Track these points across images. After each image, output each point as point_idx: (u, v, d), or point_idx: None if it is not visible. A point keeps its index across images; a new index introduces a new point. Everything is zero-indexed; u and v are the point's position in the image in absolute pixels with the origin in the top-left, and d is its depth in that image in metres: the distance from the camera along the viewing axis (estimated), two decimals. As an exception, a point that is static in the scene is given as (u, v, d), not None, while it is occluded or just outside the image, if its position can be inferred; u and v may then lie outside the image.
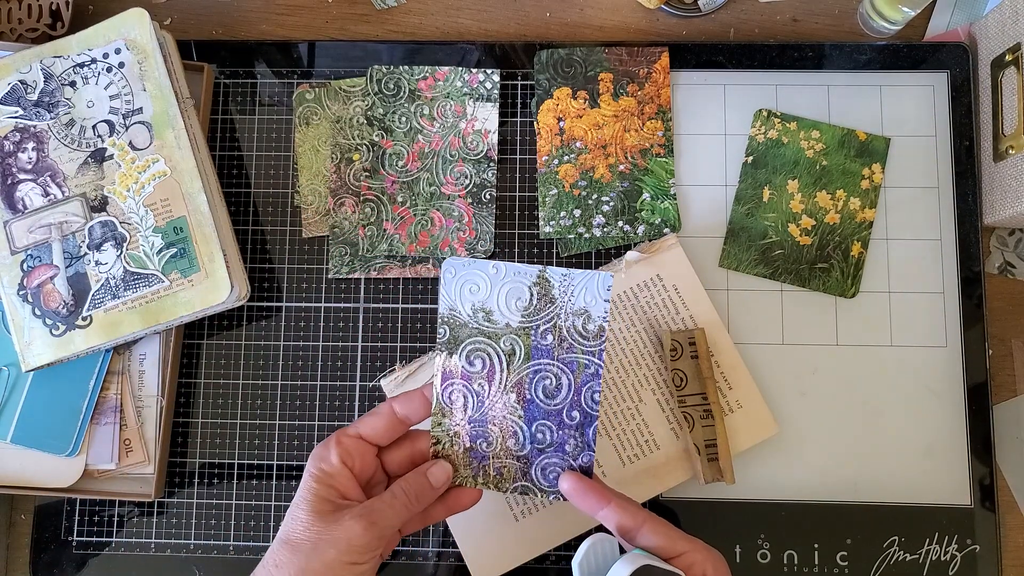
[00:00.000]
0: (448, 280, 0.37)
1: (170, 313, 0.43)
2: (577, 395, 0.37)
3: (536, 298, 0.36)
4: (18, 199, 0.45)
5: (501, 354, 0.37)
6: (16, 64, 0.45)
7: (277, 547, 0.35)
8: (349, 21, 0.51)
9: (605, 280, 0.36)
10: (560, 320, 0.36)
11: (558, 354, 0.36)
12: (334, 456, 0.36)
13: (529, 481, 0.37)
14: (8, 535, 0.48)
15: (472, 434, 0.37)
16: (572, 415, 0.37)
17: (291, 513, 0.36)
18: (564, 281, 0.36)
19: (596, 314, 0.36)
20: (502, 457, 0.37)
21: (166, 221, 0.44)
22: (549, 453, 0.37)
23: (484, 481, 0.38)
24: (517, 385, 0.37)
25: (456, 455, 0.38)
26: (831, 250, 0.47)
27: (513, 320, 0.37)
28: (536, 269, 0.37)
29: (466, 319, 0.37)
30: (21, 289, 0.44)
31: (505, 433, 0.37)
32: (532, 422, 0.37)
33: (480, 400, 0.37)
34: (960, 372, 0.46)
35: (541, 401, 0.37)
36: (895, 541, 0.45)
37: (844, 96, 0.49)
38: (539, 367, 0.37)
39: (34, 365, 0.44)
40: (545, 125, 0.49)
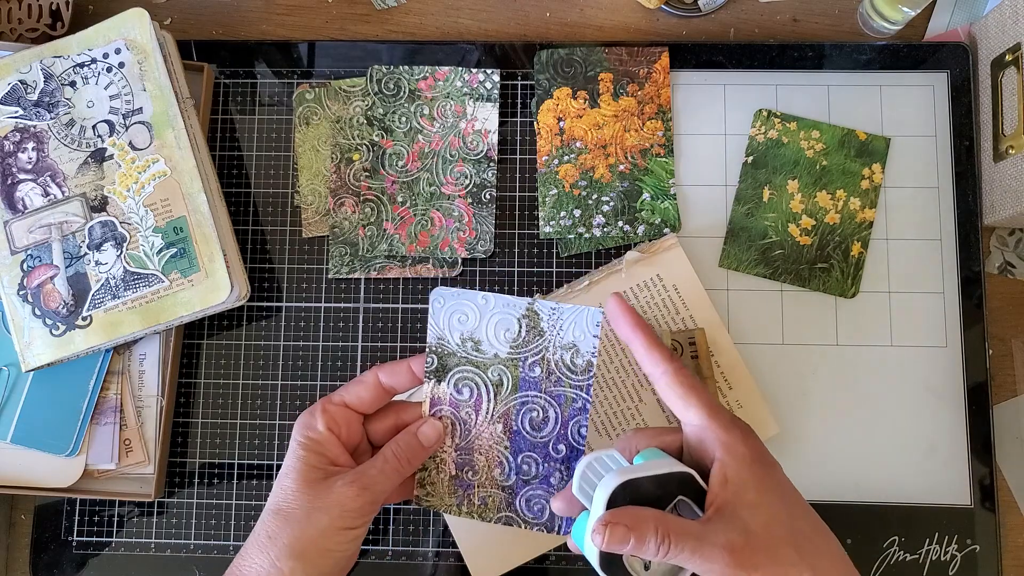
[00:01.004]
0: (437, 309, 0.37)
1: (170, 313, 0.43)
2: (564, 428, 0.36)
3: (525, 330, 0.36)
4: (18, 199, 0.45)
5: (489, 384, 0.37)
6: (16, 64, 0.45)
7: (268, 518, 0.34)
8: (349, 21, 0.51)
9: (594, 316, 0.36)
10: (548, 353, 0.36)
11: (546, 387, 0.36)
12: (320, 423, 0.36)
13: (513, 512, 0.37)
14: (8, 535, 0.48)
15: (458, 462, 0.37)
16: (558, 448, 0.37)
17: (280, 483, 0.35)
18: (553, 315, 0.36)
19: (584, 349, 0.36)
20: (487, 486, 0.37)
21: (166, 221, 0.44)
22: (534, 485, 0.37)
23: (469, 510, 0.38)
24: (504, 416, 0.37)
25: (441, 482, 0.38)
26: (831, 250, 0.47)
27: (502, 351, 0.37)
28: (525, 301, 0.36)
29: (454, 348, 0.37)
30: (21, 289, 0.44)
31: (491, 462, 0.37)
32: (518, 453, 0.37)
33: (467, 428, 0.37)
34: (960, 372, 0.46)
35: (527, 433, 0.37)
36: (895, 541, 0.45)
37: (844, 96, 0.49)
38: (526, 399, 0.37)
39: (34, 365, 0.44)
40: (545, 125, 0.49)
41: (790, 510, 0.32)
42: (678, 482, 0.31)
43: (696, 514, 0.31)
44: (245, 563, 0.34)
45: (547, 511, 0.37)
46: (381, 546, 0.46)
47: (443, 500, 0.38)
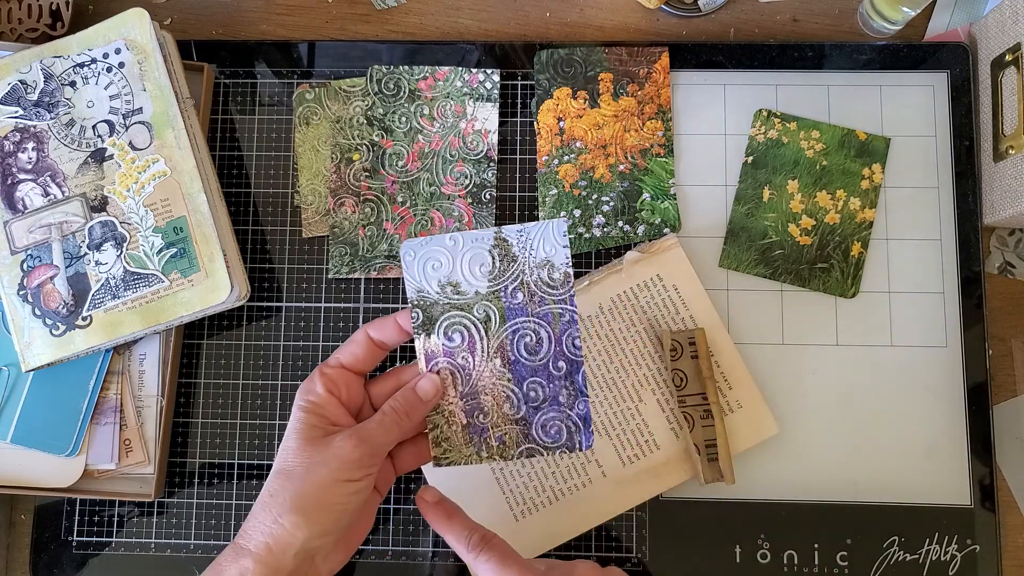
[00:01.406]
0: (409, 263, 0.37)
1: (170, 313, 0.43)
2: (559, 345, 0.37)
3: (498, 260, 0.37)
4: (18, 199, 0.45)
5: (477, 323, 0.37)
6: (16, 64, 0.45)
7: (271, 479, 0.35)
8: (349, 21, 0.51)
9: (560, 227, 0.36)
10: (526, 276, 0.37)
11: (531, 309, 0.37)
12: (319, 386, 0.36)
13: (532, 442, 0.37)
14: (8, 535, 0.48)
15: (467, 409, 0.37)
16: (559, 366, 0.37)
17: (282, 446, 0.36)
18: (521, 237, 0.37)
19: (558, 262, 0.36)
20: (501, 425, 0.37)
21: (166, 221, 0.44)
22: (545, 409, 0.37)
23: (488, 454, 0.37)
24: (499, 349, 0.37)
25: (455, 435, 0.37)
26: (831, 250, 0.47)
27: (481, 287, 0.37)
28: (492, 231, 0.37)
29: (435, 297, 0.37)
30: (21, 289, 0.44)
31: (499, 399, 0.37)
32: (522, 382, 0.37)
33: (467, 373, 0.37)
34: (960, 372, 0.46)
35: (525, 359, 0.37)
36: (895, 541, 0.45)
37: (844, 96, 0.49)
38: (516, 326, 0.37)
39: (34, 365, 0.44)
40: (545, 125, 0.49)
41: None
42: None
43: None
44: (250, 524, 0.35)
45: (564, 432, 0.37)
46: (381, 546, 0.46)
47: (461, 452, 0.38)
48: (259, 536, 0.34)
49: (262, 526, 0.34)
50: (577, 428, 0.37)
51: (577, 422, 0.37)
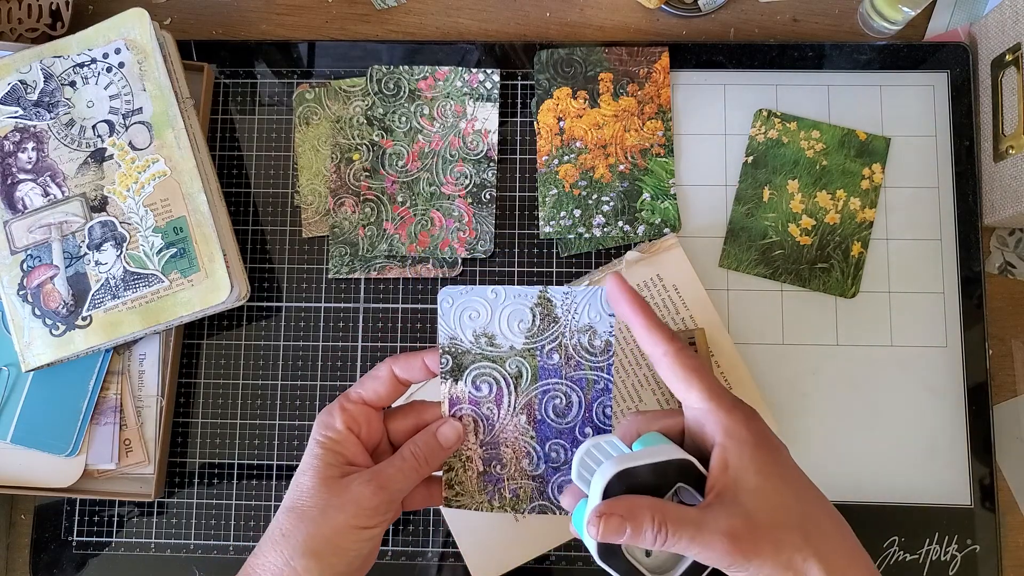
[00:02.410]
0: (446, 310, 0.36)
1: (170, 313, 0.43)
2: (588, 411, 0.36)
3: (539, 319, 0.36)
4: (18, 199, 0.45)
5: (508, 377, 0.36)
6: (16, 64, 0.45)
7: (283, 516, 0.34)
8: (349, 21, 0.51)
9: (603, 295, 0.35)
10: (565, 339, 0.36)
11: (566, 372, 0.36)
12: (339, 422, 0.35)
13: (546, 500, 0.37)
14: (8, 535, 0.48)
15: (485, 457, 0.37)
16: (585, 432, 0.36)
17: (296, 481, 0.35)
18: (566, 299, 0.36)
19: (601, 329, 0.35)
20: (517, 478, 0.37)
21: (166, 221, 0.44)
22: (565, 471, 0.36)
23: (501, 504, 0.37)
24: (527, 407, 0.36)
25: (470, 480, 0.37)
26: (831, 250, 0.47)
27: (517, 343, 0.36)
28: (536, 290, 0.36)
29: (468, 346, 0.36)
30: (21, 289, 0.44)
31: (519, 454, 0.37)
32: (545, 442, 0.36)
33: (491, 423, 0.37)
34: (960, 372, 0.46)
35: (552, 420, 0.36)
36: (895, 541, 0.45)
37: (844, 96, 0.49)
38: (547, 387, 0.36)
39: (34, 365, 0.44)
40: (545, 125, 0.49)
41: (797, 494, 0.31)
42: (677, 468, 0.30)
43: (697, 500, 0.31)
44: (259, 561, 0.34)
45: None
46: (381, 546, 0.46)
47: (473, 498, 0.37)
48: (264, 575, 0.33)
49: (273, 567, 0.33)
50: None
51: None
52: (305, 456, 0.35)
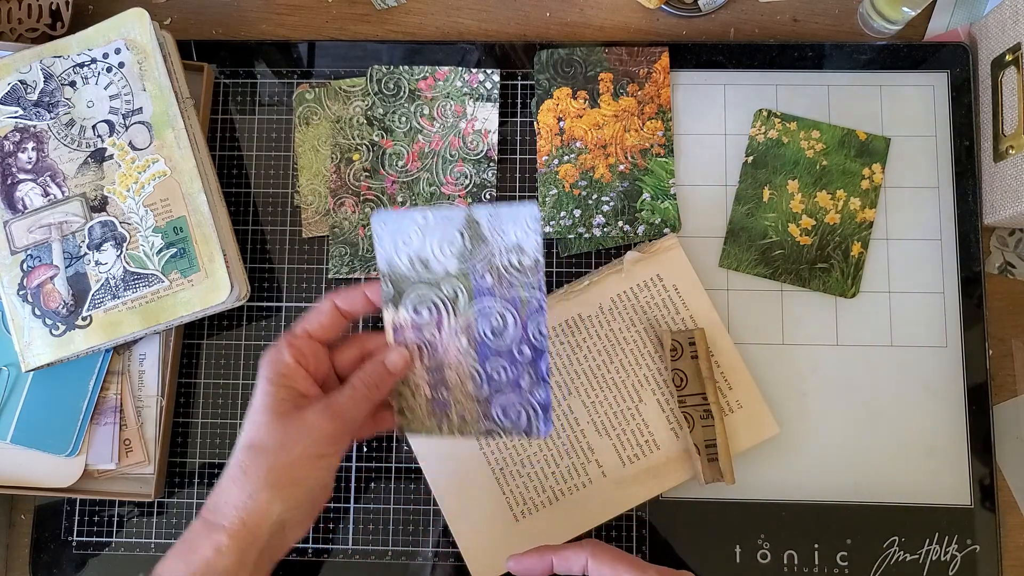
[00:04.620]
0: (381, 235, 0.37)
1: (170, 313, 0.43)
2: (524, 331, 0.37)
3: (468, 240, 0.37)
4: (18, 199, 0.45)
5: (446, 300, 0.37)
6: (16, 64, 0.45)
7: (241, 453, 0.35)
8: (349, 21, 0.51)
9: (531, 211, 0.36)
10: (495, 259, 0.36)
11: (500, 292, 0.37)
12: (287, 356, 0.36)
13: (492, 422, 0.38)
14: (8, 535, 0.48)
15: (432, 383, 0.38)
16: (523, 350, 0.37)
17: (250, 419, 0.35)
18: (492, 219, 0.36)
19: (528, 248, 0.36)
20: (463, 402, 0.38)
21: (166, 221, 0.44)
22: (507, 391, 0.37)
23: (449, 429, 0.38)
24: (466, 328, 0.37)
25: (420, 407, 0.38)
26: (831, 250, 0.47)
27: (451, 266, 0.37)
28: (463, 210, 0.36)
29: (406, 271, 0.37)
30: (21, 289, 0.44)
31: (463, 377, 0.38)
32: (485, 362, 0.37)
33: (434, 348, 0.38)
34: (960, 372, 0.46)
35: (490, 341, 0.37)
36: (895, 541, 0.45)
37: (844, 96, 0.49)
38: (483, 307, 0.37)
39: (34, 365, 0.44)
40: (545, 125, 0.49)
41: None
42: None
43: None
44: (220, 499, 0.34)
45: (523, 416, 0.38)
46: (381, 546, 0.46)
47: (424, 424, 0.38)
48: (232, 511, 0.34)
49: (236, 501, 0.34)
50: (536, 414, 0.37)
51: (536, 408, 0.37)
52: (256, 394, 0.36)
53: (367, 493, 0.46)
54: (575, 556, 0.36)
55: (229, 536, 0.33)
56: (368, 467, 0.47)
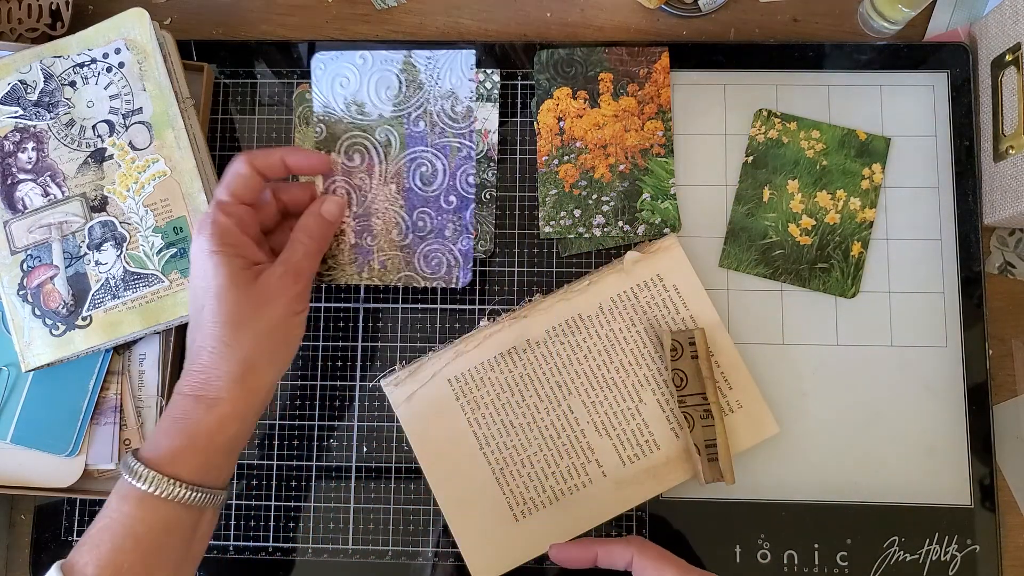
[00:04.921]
0: (319, 76, 0.37)
1: (170, 313, 0.43)
2: (453, 179, 0.38)
3: (405, 85, 0.37)
4: (18, 199, 0.44)
5: (378, 146, 0.37)
6: (16, 64, 0.45)
7: (220, 330, 0.35)
8: (349, 21, 0.51)
9: (467, 58, 0.37)
10: (429, 105, 0.37)
11: (431, 140, 0.37)
12: (234, 226, 0.36)
13: (412, 270, 0.39)
14: (8, 535, 0.48)
15: (357, 229, 0.38)
16: (449, 200, 0.38)
17: (218, 296, 0.35)
18: (429, 64, 0.37)
19: (463, 95, 0.37)
20: (386, 249, 0.38)
21: (166, 221, 0.44)
22: (430, 240, 0.38)
23: (369, 275, 0.39)
24: (396, 175, 0.38)
25: (342, 253, 0.38)
26: (831, 250, 0.47)
27: (385, 110, 0.37)
28: (402, 54, 0.37)
29: (340, 114, 0.37)
30: (21, 289, 0.44)
31: (388, 224, 0.38)
32: (413, 210, 0.38)
33: (363, 194, 0.38)
34: (960, 372, 0.46)
35: (419, 188, 0.38)
36: (895, 541, 0.45)
37: (844, 96, 0.49)
38: (415, 155, 0.38)
39: (34, 365, 0.44)
40: (545, 125, 0.49)
41: None
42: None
43: None
44: (209, 375, 0.35)
45: (444, 265, 0.38)
46: (381, 546, 0.46)
47: (344, 271, 0.39)
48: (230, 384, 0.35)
49: (230, 373, 0.35)
50: (457, 263, 0.38)
51: (458, 257, 0.38)
52: (210, 270, 0.36)
53: (367, 493, 0.46)
54: (621, 551, 0.36)
55: (232, 407, 0.35)
56: (368, 467, 0.47)
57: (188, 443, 0.34)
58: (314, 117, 0.37)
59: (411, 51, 0.37)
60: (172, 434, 0.34)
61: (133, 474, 0.34)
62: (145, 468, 0.33)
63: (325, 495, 0.46)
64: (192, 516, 0.34)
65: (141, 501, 0.33)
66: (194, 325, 0.37)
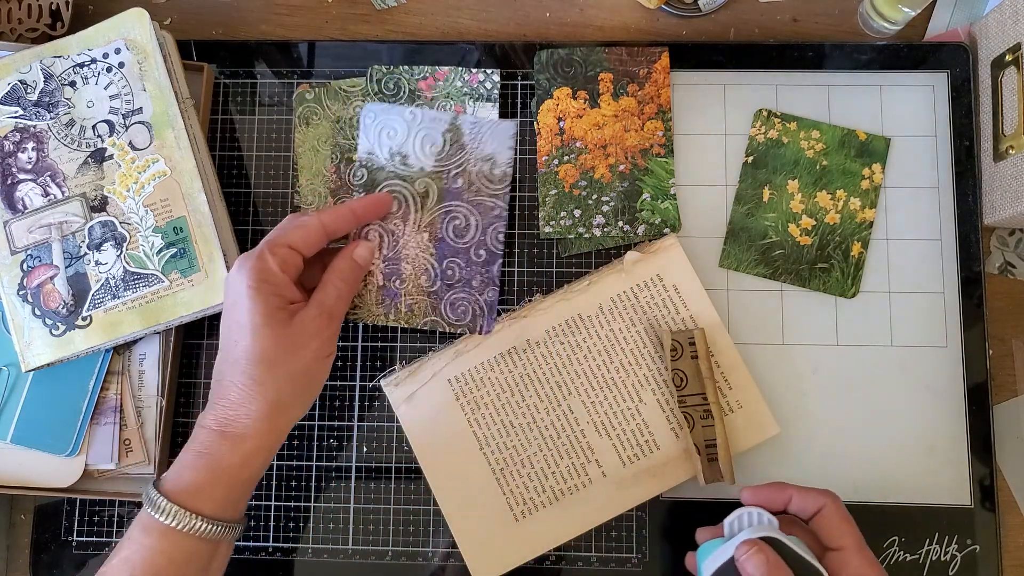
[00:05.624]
0: (367, 125, 0.39)
1: (170, 313, 0.43)
2: (483, 235, 0.40)
3: (448, 144, 0.40)
4: (18, 199, 0.44)
5: (416, 195, 0.40)
6: (16, 64, 0.45)
7: (253, 368, 0.35)
8: (349, 21, 0.51)
9: (508, 129, 0.40)
10: (469, 165, 0.40)
11: (467, 196, 0.40)
12: (273, 265, 0.36)
13: (438, 315, 0.40)
14: (8, 535, 0.48)
15: (386, 272, 0.40)
16: (479, 253, 0.40)
17: (255, 333, 0.35)
18: (473, 129, 0.39)
19: (501, 160, 0.40)
20: (413, 294, 0.40)
21: (166, 221, 0.44)
22: (457, 289, 0.40)
23: (396, 317, 0.40)
24: (430, 225, 0.40)
25: (369, 294, 0.40)
26: (831, 250, 0.47)
27: (427, 164, 0.40)
28: (450, 116, 0.40)
29: (383, 162, 0.39)
30: (21, 289, 0.44)
31: (417, 270, 0.40)
32: (443, 259, 0.40)
33: (395, 239, 0.40)
34: (960, 372, 0.46)
35: (451, 240, 0.40)
36: (895, 541, 0.45)
37: (844, 96, 0.49)
38: (450, 208, 0.40)
39: (34, 365, 0.44)
40: (545, 125, 0.49)
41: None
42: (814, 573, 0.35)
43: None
44: (238, 413, 0.35)
45: (469, 313, 0.40)
46: (381, 546, 0.46)
47: (371, 311, 0.40)
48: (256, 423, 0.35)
49: (257, 412, 0.35)
50: (482, 313, 0.40)
51: (483, 307, 0.40)
52: (247, 305, 0.36)
53: (367, 493, 0.46)
54: (815, 498, 0.37)
55: (257, 444, 0.35)
56: (368, 467, 0.47)
57: (211, 478, 0.35)
58: (356, 161, 0.40)
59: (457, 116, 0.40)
60: (196, 468, 0.35)
61: (155, 508, 0.34)
62: (168, 502, 0.34)
63: (325, 495, 0.46)
64: (210, 548, 0.35)
65: (163, 534, 0.34)
66: (224, 358, 0.37)
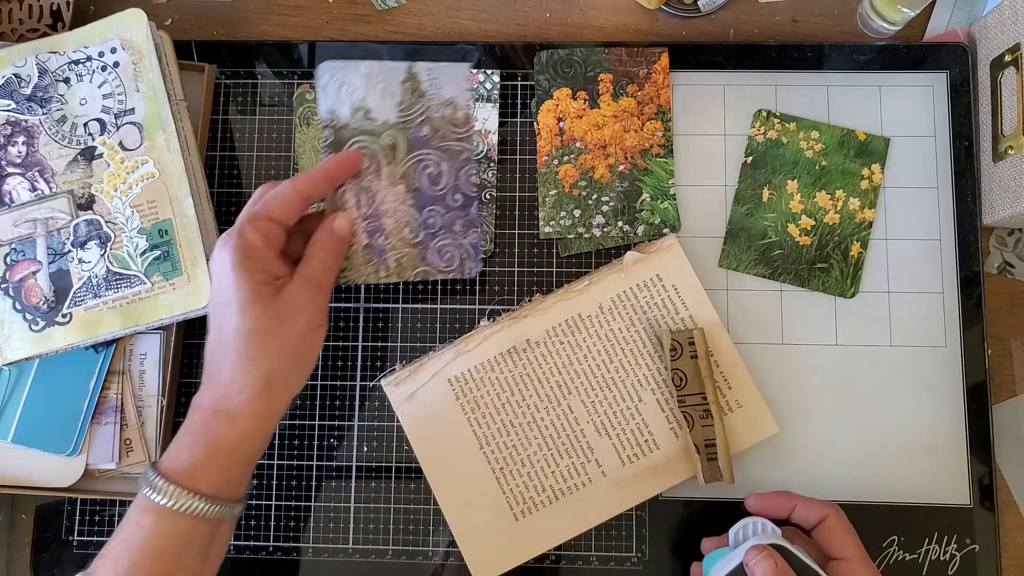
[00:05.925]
0: (325, 83, 0.31)
1: (150, 315, 0.33)
2: (456, 179, 0.33)
3: (408, 93, 0.32)
4: (5, 192, 0.34)
5: (384, 148, 0.32)
6: (11, 57, 0.35)
7: (243, 344, 0.28)
8: (349, 21, 0.40)
9: (462, 71, 0.32)
10: (431, 112, 0.32)
11: (435, 143, 0.33)
12: (259, 242, 0.29)
13: (427, 264, 0.33)
14: (9, 535, 0.37)
15: (369, 230, 0.32)
16: (456, 198, 0.33)
17: (242, 309, 0.28)
18: (430, 75, 0.32)
19: (461, 103, 0.33)
20: (399, 247, 0.33)
21: (151, 223, 0.33)
22: (441, 236, 0.33)
23: (386, 274, 0.33)
24: (404, 176, 0.32)
25: (355, 254, 0.32)
26: (831, 250, 0.37)
27: (391, 116, 0.32)
28: (405, 65, 0.32)
29: (347, 119, 0.32)
30: (3, 283, 0.34)
31: (399, 223, 0.32)
32: (422, 208, 0.33)
33: (372, 196, 0.32)
34: (960, 372, 0.36)
35: (427, 188, 0.33)
36: (895, 541, 0.35)
37: (844, 96, 0.38)
38: (420, 156, 0.32)
39: (11, 359, 0.34)
40: (545, 125, 0.38)
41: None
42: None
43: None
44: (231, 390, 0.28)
45: (456, 258, 0.33)
46: (381, 545, 0.36)
47: (360, 271, 0.32)
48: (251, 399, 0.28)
49: (251, 387, 0.28)
50: (468, 255, 0.33)
51: (468, 250, 0.33)
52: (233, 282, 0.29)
53: (367, 493, 0.36)
54: (818, 508, 0.31)
55: (252, 421, 0.29)
56: (368, 467, 0.36)
57: (208, 457, 0.28)
58: (318, 123, 0.32)
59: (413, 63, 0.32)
60: (192, 448, 0.28)
61: (153, 488, 0.28)
62: (165, 482, 0.28)
63: (325, 495, 0.36)
64: (210, 529, 0.28)
65: (160, 515, 0.27)
66: (214, 340, 0.30)
